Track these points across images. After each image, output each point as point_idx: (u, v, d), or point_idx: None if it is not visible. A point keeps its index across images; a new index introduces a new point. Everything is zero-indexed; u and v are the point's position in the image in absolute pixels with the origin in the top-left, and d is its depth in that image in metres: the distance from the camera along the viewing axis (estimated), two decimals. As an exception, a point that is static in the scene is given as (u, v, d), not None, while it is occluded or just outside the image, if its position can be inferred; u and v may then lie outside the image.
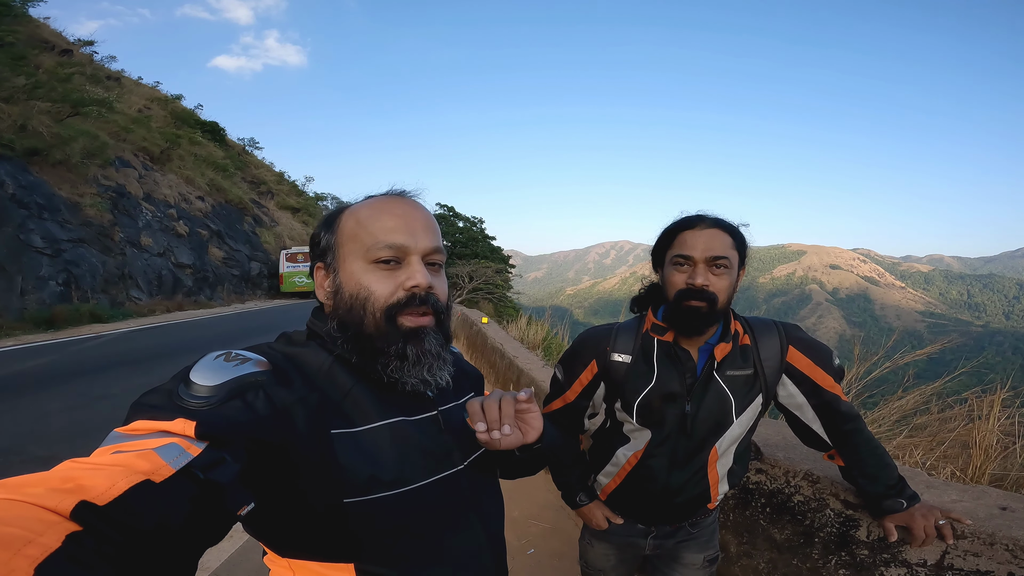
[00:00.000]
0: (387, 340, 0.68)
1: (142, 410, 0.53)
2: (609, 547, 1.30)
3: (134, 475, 0.42)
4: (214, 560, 2.32)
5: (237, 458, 0.51)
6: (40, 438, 3.81)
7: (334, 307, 0.72)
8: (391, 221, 0.70)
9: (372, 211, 0.71)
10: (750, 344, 1.12)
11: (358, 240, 0.70)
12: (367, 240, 0.69)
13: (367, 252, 0.69)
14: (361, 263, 0.70)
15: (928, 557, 1.12)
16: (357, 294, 0.69)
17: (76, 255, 11.06)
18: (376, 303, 0.68)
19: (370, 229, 0.69)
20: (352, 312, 0.69)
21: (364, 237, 0.69)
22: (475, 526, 0.74)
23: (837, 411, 1.12)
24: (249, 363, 0.61)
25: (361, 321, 0.69)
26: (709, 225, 1.06)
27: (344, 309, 0.70)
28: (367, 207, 0.72)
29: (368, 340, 0.69)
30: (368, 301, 0.68)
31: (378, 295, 0.68)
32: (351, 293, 0.69)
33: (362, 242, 0.70)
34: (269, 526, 0.65)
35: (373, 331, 0.68)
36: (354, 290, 0.69)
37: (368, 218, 0.71)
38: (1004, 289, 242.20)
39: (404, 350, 0.68)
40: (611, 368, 1.16)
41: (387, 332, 0.68)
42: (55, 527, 0.35)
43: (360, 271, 0.69)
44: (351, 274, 0.70)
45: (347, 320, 0.70)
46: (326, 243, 0.73)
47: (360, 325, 0.69)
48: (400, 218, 0.70)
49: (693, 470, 1.14)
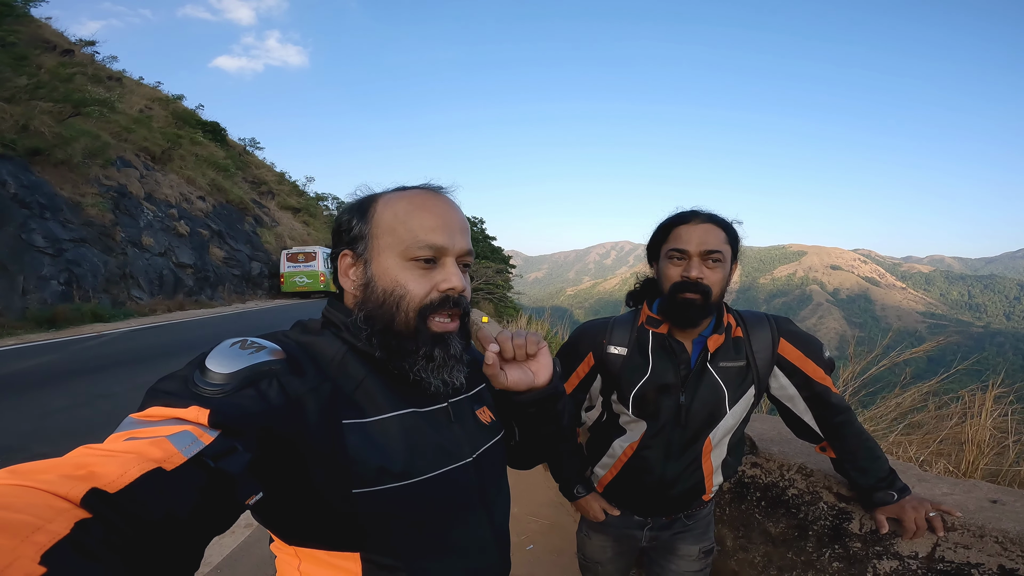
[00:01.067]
0: (417, 341, 0.68)
1: (157, 396, 0.53)
2: (606, 539, 1.32)
3: (146, 463, 0.42)
4: (216, 554, 2.34)
5: (248, 447, 0.51)
6: (43, 436, 3.83)
7: (363, 299, 0.71)
8: (431, 220, 0.69)
9: (412, 206, 0.70)
10: (743, 336, 1.15)
11: (395, 234, 0.69)
12: (406, 236, 0.68)
13: (405, 249, 0.68)
14: (397, 259, 0.69)
15: (919, 550, 1.14)
16: (393, 291, 0.68)
17: (78, 255, 11.08)
18: (411, 302, 0.68)
19: (409, 225, 0.69)
20: (384, 308, 0.69)
21: (403, 232, 0.69)
22: (482, 519, 0.74)
23: (828, 403, 1.14)
24: (264, 351, 0.61)
25: (392, 318, 0.68)
26: (703, 220, 1.08)
27: (375, 304, 0.69)
28: (406, 200, 0.71)
29: (397, 338, 0.68)
30: (403, 300, 0.68)
31: (414, 294, 0.68)
32: (385, 289, 0.69)
33: (400, 237, 0.69)
34: (277, 514, 0.65)
35: (403, 329, 0.68)
36: (389, 286, 0.69)
37: (408, 213, 0.69)
38: (1005, 290, 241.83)
39: (432, 352, 0.69)
40: (607, 360, 1.18)
41: (417, 333, 0.68)
42: (64, 514, 0.34)
43: (396, 267, 0.69)
44: (386, 269, 0.69)
45: (377, 315, 0.69)
46: (359, 231, 0.72)
47: (391, 322, 0.68)
48: (440, 217, 0.70)
49: (687, 461, 1.16)
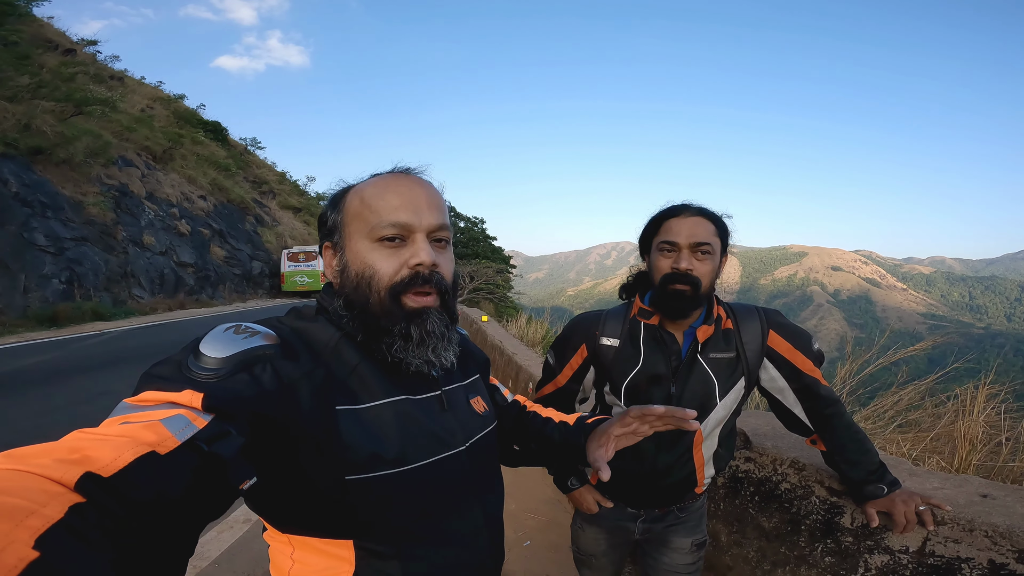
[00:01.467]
0: (391, 320, 0.68)
1: (151, 381, 0.54)
2: (600, 531, 1.33)
3: (140, 446, 0.42)
4: (215, 548, 2.35)
5: (241, 431, 0.51)
6: (44, 433, 3.85)
7: (341, 285, 0.73)
8: (395, 199, 0.69)
9: (376, 189, 0.71)
10: (732, 328, 1.16)
11: (362, 218, 0.70)
12: (371, 218, 0.69)
13: (372, 230, 0.69)
14: (366, 242, 0.70)
15: (910, 544, 1.14)
16: (362, 273, 0.69)
17: (79, 253, 11.11)
18: (380, 282, 0.69)
19: (374, 207, 0.69)
20: (358, 290, 0.70)
21: (368, 215, 0.69)
22: (475, 508, 0.75)
23: (817, 395, 1.15)
24: (258, 336, 0.61)
25: (367, 300, 0.69)
26: (693, 213, 1.10)
27: (350, 287, 0.71)
28: (372, 185, 0.72)
29: (373, 319, 0.69)
30: (373, 280, 0.69)
31: (382, 274, 0.69)
32: (356, 272, 0.70)
33: (366, 220, 0.69)
34: (270, 501, 0.65)
35: (378, 310, 0.69)
36: (359, 268, 0.70)
37: (372, 196, 0.70)
38: (1006, 291, 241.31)
39: (408, 330, 0.69)
40: (600, 352, 1.20)
41: (391, 311, 0.68)
42: (59, 498, 0.35)
43: (365, 250, 0.70)
44: (356, 253, 0.70)
45: (353, 298, 0.70)
46: (333, 222, 0.74)
47: (365, 304, 0.69)
48: (404, 196, 0.70)
49: (679, 452, 1.17)
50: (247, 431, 0.53)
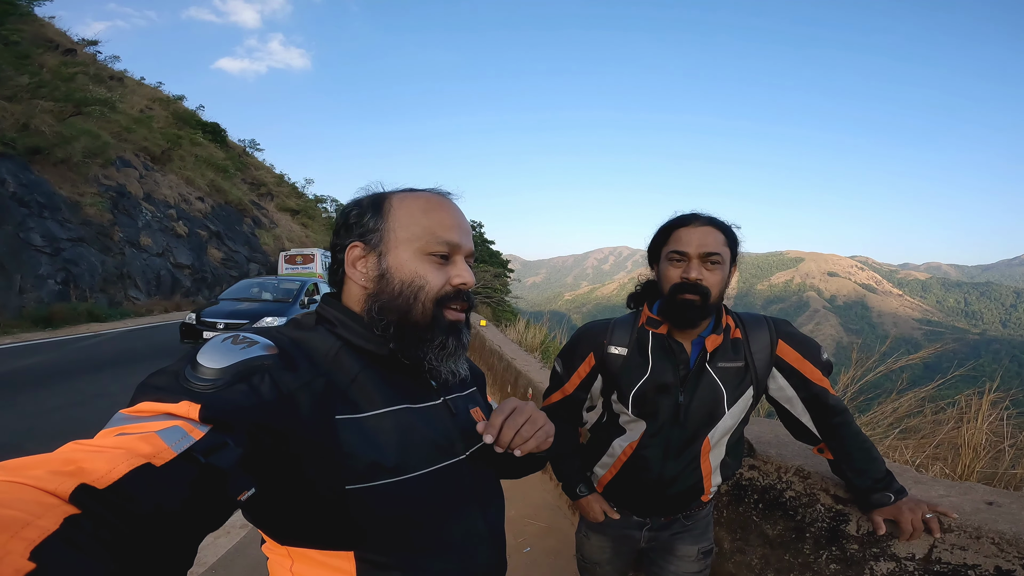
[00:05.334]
0: (433, 330, 0.71)
1: (148, 391, 0.53)
2: (605, 539, 1.32)
3: (135, 458, 0.41)
4: (211, 555, 2.33)
5: (239, 443, 0.51)
6: (38, 435, 3.82)
7: (377, 291, 0.72)
8: (448, 219, 0.73)
9: (430, 205, 0.74)
10: (741, 338, 1.16)
11: (412, 230, 0.72)
12: (423, 233, 0.72)
13: (424, 244, 0.71)
14: (415, 253, 0.72)
15: (916, 551, 1.14)
16: (412, 282, 0.71)
17: (75, 254, 11.06)
18: (429, 293, 0.71)
19: (427, 223, 0.72)
20: (401, 298, 0.71)
21: (420, 230, 0.72)
22: (476, 517, 0.74)
23: (825, 404, 1.15)
24: (256, 346, 0.61)
25: (410, 308, 0.70)
26: (703, 223, 1.10)
27: (391, 295, 0.71)
28: (423, 200, 0.75)
29: (413, 327, 0.71)
30: (422, 290, 0.71)
31: (432, 285, 0.71)
32: (403, 280, 0.71)
33: (417, 233, 0.72)
34: (269, 513, 0.64)
35: (420, 319, 0.71)
36: (408, 277, 0.71)
37: (425, 212, 0.73)
38: (1001, 297, 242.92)
39: (447, 341, 0.72)
40: (608, 360, 1.20)
41: (435, 322, 0.71)
42: (54, 510, 0.34)
43: (413, 260, 0.71)
44: (404, 262, 0.71)
45: (392, 305, 0.71)
46: (372, 225, 0.74)
47: (408, 312, 0.70)
48: (455, 218, 0.74)
49: (686, 460, 1.17)
50: (245, 442, 0.52)
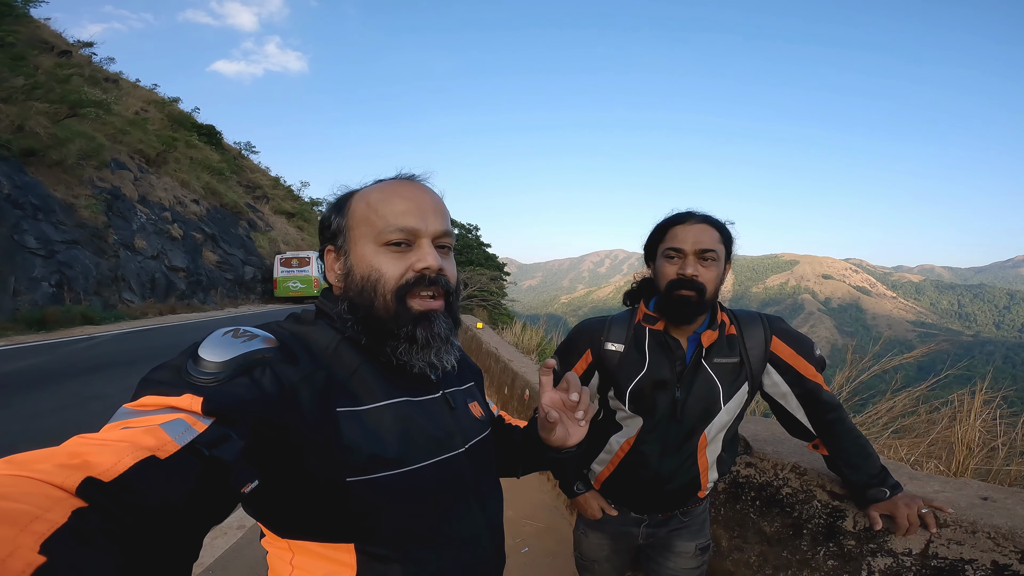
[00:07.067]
0: (397, 322, 0.69)
1: (150, 385, 0.54)
2: (603, 537, 1.33)
3: (139, 451, 0.42)
4: (208, 555, 2.32)
5: (242, 435, 0.51)
6: (32, 438, 3.79)
7: (345, 289, 0.73)
8: (402, 204, 0.70)
9: (383, 194, 0.72)
10: (736, 334, 1.18)
11: (369, 223, 0.71)
12: (378, 223, 0.70)
13: (378, 235, 0.70)
14: (372, 246, 0.70)
15: (913, 546, 1.15)
16: (368, 276, 0.70)
17: (69, 256, 10.99)
18: (387, 285, 0.69)
19: (381, 212, 0.70)
20: (363, 294, 0.70)
21: (375, 220, 0.70)
22: (475, 510, 0.75)
23: (819, 400, 1.17)
24: (257, 340, 0.61)
25: (372, 303, 0.69)
26: (698, 220, 1.12)
27: (355, 291, 0.71)
28: (377, 190, 0.73)
29: (378, 322, 0.69)
30: (379, 283, 0.69)
31: (388, 276, 0.69)
32: (362, 275, 0.70)
33: (373, 225, 0.70)
34: (270, 506, 0.65)
35: (383, 313, 0.69)
36: (365, 272, 0.70)
37: (379, 201, 0.71)
38: (994, 299, 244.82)
39: (414, 333, 0.69)
40: (605, 357, 1.21)
41: (397, 314, 0.69)
42: (61, 503, 0.35)
43: (371, 253, 0.70)
44: (362, 256, 0.71)
45: (358, 302, 0.70)
46: (337, 226, 0.74)
47: (371, 307, 0.69)
48: (411, 201, 0.71)
49: (683, 456, 1.18)
50: (248, 435, 0.52)
